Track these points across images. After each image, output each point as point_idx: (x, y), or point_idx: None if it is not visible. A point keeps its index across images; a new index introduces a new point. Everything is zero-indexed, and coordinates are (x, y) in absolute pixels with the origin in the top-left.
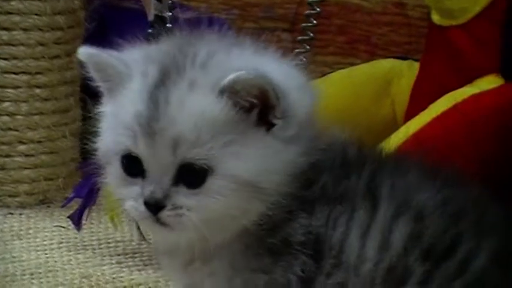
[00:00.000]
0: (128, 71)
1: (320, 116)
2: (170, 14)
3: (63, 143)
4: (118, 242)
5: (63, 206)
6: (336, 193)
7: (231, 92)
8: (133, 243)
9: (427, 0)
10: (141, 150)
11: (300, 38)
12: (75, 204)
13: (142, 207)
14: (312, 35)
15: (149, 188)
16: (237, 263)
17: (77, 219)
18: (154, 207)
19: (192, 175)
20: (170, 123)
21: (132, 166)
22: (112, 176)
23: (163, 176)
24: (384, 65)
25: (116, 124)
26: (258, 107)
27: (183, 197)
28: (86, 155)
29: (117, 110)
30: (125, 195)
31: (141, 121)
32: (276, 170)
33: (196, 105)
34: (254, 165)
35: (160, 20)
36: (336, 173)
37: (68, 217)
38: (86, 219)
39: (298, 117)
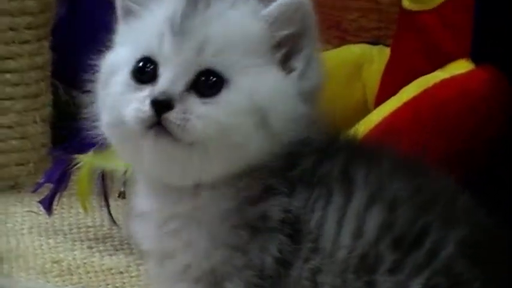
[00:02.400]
0: None
1: None
2: None
3: (33, 129)
4: (89, 227)
5: (34, 191)
6: (314, 177)
7: (273, 18)
8: (104, 228)
9: None
10: (164, 49)
11: None
12: (46, 190)
13: (147, 107)
14: None
15: (161, 87)
16: (215, 233)
17: (47, 204)
18: (162, 105)
19: (208, 83)
20: (203, 23)
21: (145, 72)
22: (116, 85)
23: (178, 80)
24: (355, 50)
25: (137, 33)
26: (286, 47)
27: (194, 104)
28: (56, 140)
29: (144, 21)
30: (129, 100)
31: (174, 18)
32: (285, 111)
33: (234, 19)
34: (269, 93)
35: None
36: (313, 158)
37: (39, 202)
38: (57, 204)
39: (316, 77)
